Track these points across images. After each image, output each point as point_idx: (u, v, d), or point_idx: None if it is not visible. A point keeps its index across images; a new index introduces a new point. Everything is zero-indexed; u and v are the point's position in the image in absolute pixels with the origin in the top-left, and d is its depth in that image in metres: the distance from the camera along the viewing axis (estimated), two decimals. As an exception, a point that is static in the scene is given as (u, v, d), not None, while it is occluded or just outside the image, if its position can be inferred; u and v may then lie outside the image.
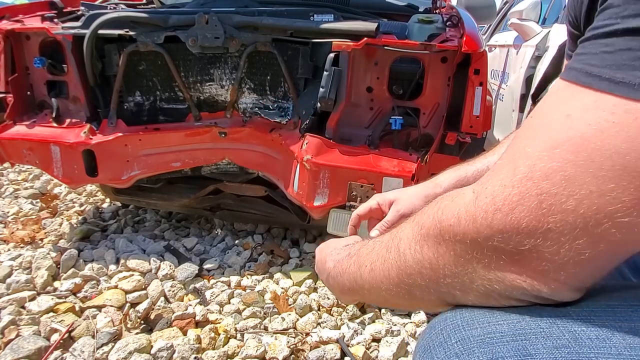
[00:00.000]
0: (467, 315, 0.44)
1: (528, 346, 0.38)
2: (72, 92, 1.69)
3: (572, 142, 0.34)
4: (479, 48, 1.35)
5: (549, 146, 0.35)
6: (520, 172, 0.36)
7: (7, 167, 2.73)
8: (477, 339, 0.41)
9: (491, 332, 0.41)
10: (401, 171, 1.35)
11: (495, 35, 4.39)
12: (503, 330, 0.40)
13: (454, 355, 0.41)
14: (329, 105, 1.44)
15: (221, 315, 1.50)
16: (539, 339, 0.38)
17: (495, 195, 0.37)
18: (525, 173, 0.36)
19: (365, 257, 0.52)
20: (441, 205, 0.43)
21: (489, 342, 0.40)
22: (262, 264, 1.82)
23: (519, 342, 0.39)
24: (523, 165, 0.36)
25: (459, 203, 0.41)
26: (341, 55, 1.42)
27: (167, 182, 1.96)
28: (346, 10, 1.76)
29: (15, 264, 1.69)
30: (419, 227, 0.45)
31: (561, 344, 0.37)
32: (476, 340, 0.41)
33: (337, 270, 0.58)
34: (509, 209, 0.36)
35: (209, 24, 1.49)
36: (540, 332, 0.39)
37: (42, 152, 1.62)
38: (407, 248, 0.45)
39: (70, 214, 2.22)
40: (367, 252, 0.52)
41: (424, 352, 0.45)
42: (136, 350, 1.29)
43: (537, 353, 0.38)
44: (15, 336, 1.33)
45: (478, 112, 1.40)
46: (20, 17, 1.78)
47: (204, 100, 1.72)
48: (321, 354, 1.32)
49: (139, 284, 1.61)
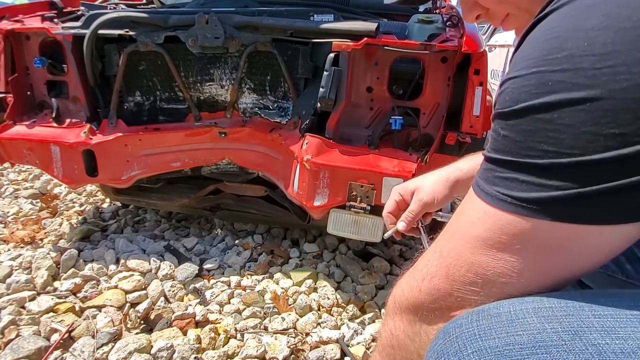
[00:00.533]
0: (484, 323, 0.42)
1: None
2: (72, 92, 1.68)
3: (459, 231, 0.48)
4: (479, 48, 1.35)
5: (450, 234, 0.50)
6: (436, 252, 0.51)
7: (7, 167, 2.73)
8: (495, 350, 0.39)
9: (510, 343, 0.39)
10: (401, 171, 1.35)
11: (495, 35, 4.40)
12: (522, 342, 0.38)
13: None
14: (329, 105, 1.44)
15: (221, 315, 1.50)
16: (560, 352, 0.36)
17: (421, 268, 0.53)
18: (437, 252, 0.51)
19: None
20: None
21: (508, 354, 0.38)
22: (262, 264, 1.82)
23: (540, 355, 0.37)
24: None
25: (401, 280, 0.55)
26: (341, 55, 1.42)
27: (167, 182, 1.96)
28: (346, 10, 1.76)
29: (15, 264, 1.69)
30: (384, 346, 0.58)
31: (584, 358, 0.36)
32: (494, 351, 0.39)
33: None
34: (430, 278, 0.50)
35: (209, 24, 1.49)
36: (562, 345, 0.37)
37: (42, 152, 1.62)
38: (381, 329, 0.58)
39: (70, 214, 2.22)
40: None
41: (437, 359, 0.43)
42: (136, 350, 1.29)
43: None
44: (15, 336, 1.33)
45: (478, 112, 1.40)
46: (20, 17, 1.77)
47: (204, 100, 1.72)
48: (321, 354, 1.32)
49: (139, 284, 1.61)
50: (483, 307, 0.43)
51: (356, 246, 1.96)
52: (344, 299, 1.60)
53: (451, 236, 0.49)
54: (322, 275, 1.73)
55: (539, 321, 0.39)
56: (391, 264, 1.86)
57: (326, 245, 1.99)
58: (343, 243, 1.98)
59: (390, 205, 0.84)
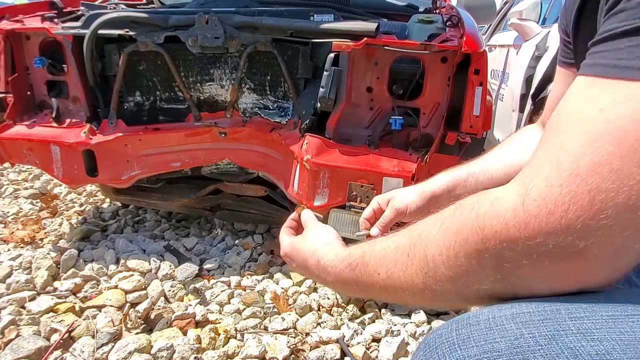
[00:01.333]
0: (463, 332, 0.43)
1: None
2: (72, 92, 1.69)
3: (612, 134, 0.34)
4: (479, 48, 1.35)
5: (589, 140, 0.35)
6: (565, 170, 0.36)
7: (7, 167, 2.73)
8: (473, 358, 0.40)
9: (488, 350, 0.40)
10: (401, 171, 1.35)
11: (495, 35, 4.39)
12: (500, 349, 0.39)
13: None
14: (329, 105, 1.44)
15: (221, 315, 1.50)
16: (537, 357, 0.37)
17: (544, 197, 0.36)
18: (570, 170, 0.35)
19: (378, 265, 0.50)
20: (479, 211, 0.41)
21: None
22: (262, 264, 1.82)
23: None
24: (566, 162, 0.36)
25: (503, 208, 0.39)
26: (341, 55, 1.42)
27: (167, 182, 1.96)
28: (346, 10, 1.76)
29: (15, 264, 1.69)
30: (452, 233, 0.42)
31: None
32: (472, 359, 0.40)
33: (340, 282, 0.56)
34: (562, 211, 0.35)
35: (209, 24, 1.49)
36: (538, 350, 0.38)
37: (42, 152, 1.62)
38: (437, 255, 0.43)
39: (70, 214, 2.22)
40: (379, 259, 0.50)
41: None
42: (136, 350, 1.29)
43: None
44: (15, 336, 1.33)
45: (478, 112, 1.40)
46: (20, 17, 1.78)
47: (204, 100, 1.72)
48: (321, 354, 1.32)
49: (139, 284, 1.61)
50: (462, 316, 0.44)
51: (356, 246, 1.96)
52: (344, 299, 1.60)
53: (590, 143, 0.35)
54: (322, 275, 1.73)
55: (517, 327, 0.40)
56: (391, 264, 1.85)
57: (326, 245, 1.99)
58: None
59: (367, 213, 0.85)
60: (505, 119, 3.09)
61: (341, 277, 0.55)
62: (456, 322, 0.44)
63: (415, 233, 0.47)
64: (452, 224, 0.43)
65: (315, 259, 0.60)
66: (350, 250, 0.56)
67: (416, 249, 0.46)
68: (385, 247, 0.50)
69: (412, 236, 0.48)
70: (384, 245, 0.50)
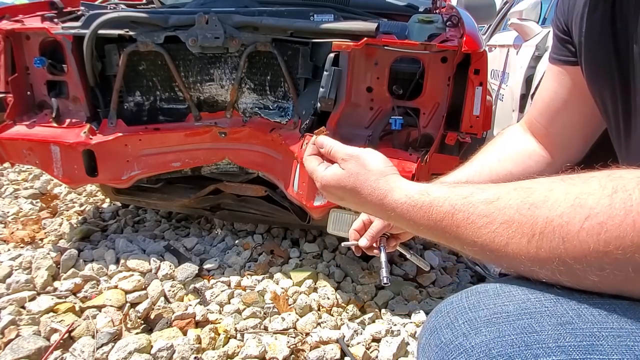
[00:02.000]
0: (473, 298, 0.45)
1: (533, 324, 0.40)
2: (72, 92, 1.68)
3: None
4: (479, 48, 1.35)
5: None
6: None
7: (7, 167, 2.73)
8: (484, 319, 0.42)
9: (498, 312, 0.42)
10: (401, 171, 1.34)
11: (495, 35, 4.39)
12: (509, 310, 0.42)
13: (462, 335, 0.42)
14: (329, 105, 1.44)
15: (221, 315, 1.50)
16: (543, 316, 0.40)
17: None
18: None
19: (476, 229, 0.45)
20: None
21: (496, 321, 0.41)
22: (262, 264, 1.82)
23: (525, 320, 0.40)
24: None
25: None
26: (341, 55, 1.42)
27: (167, 182, 1.96)
28: (346, 10, 1.76)
29: (15, 264, 1.69)
30: (624, 205, 0.36)
31: (565, 321, 0.39)
32: (483, 320, 0.42)
33: (410, 224, 0.51)
34: None
35: (209, 24, 1.49)
36: (545, 311, 0.40)
37: (42, 152, 1.62)
38: (577, 246, 0.38)
39: (70, 214, 2.22)
40: (477, 227, 0.44)
41: (430, 334, 0.45)
42: (136, 350, 1.29)
43: (542, 330, 0.39)
44: (15, 336, 1.33)
45: (478, 112, 1.40)
46: (20, 17, 1.78)
47: (204, 100, 1.72)
48: (321, 354, 1.32)
49: (139, 284, 1.61)
50: (471, 288, 0.47)
51: (356, 246, 1.96)
52: (344, 299, 1.60)
53: None
54: (322, 275, 1.73)
55: (523, 292, 0.43)
56: (391, 264, 1.86)
57: (326, 245, 1.99)
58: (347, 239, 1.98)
59: (357, 224, 0.85)
60: (505, 119, 3.09)
61: (415, 221, 0.51)
62: (465, 291, 0.46)
63: (534, 204, 0.42)
64: (619, 182, 0.38)
65: (377, 196, 0.54)
66: (431, 196, 0.50)
67: (537, 227, 0.41)
68: (486, 214, 0.44)
69: (524, 206, 0.42)
70: (483, 207, 0.45)
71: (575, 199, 0.39)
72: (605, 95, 0.63)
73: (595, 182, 0.39)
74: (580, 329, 0.38)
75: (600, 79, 0.62)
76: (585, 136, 0.77)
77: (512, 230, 0.42)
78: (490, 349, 0.39)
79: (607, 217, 0.37)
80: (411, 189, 0.52)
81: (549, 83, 0.79)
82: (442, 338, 0.43)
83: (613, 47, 0.57)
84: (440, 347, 0.43)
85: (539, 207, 0.41)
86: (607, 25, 0.58)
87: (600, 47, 0.60)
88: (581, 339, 0.38)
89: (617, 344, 0.37)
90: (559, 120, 0.77)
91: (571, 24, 0.69)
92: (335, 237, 1.93)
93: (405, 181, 0.55)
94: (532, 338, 0.39)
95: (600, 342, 0.37)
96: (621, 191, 0.37)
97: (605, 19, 0.58)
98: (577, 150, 0.79)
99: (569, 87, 0.74)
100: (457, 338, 0.42)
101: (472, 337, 0.41)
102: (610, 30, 0.58)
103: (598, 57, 0.62)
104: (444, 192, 0.49)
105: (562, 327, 0.39)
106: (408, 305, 1.61)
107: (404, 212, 0.52)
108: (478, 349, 0.40)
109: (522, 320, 0.40)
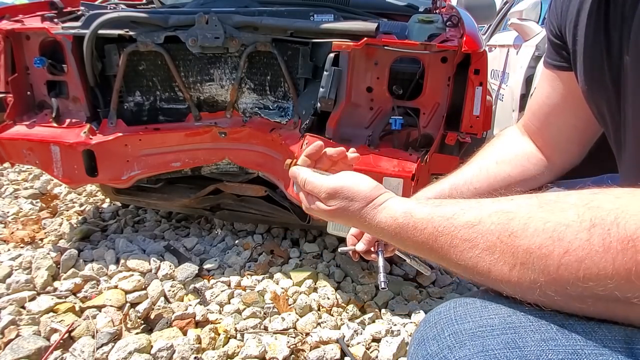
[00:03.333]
0: (460, 309, 0.46)
1: (517, 339, 0.40)
2: (72, 92, 1.68)
3: None
4: (479, 48, 1.35)
5: None
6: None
7: (7, 167, 2.73)
8: (469, 332, 0.43)
9: (482, 325, 0.43)
10: (401, 171, 1.35)
11: (495, 35, 4.40)
12: (494, 324, 0.42)
13: (446, 347, 0.43)
14: (329, 105, 1.44)
15: (221, 315, 1.50)
16: (527, 332, 0.41)
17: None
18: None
19: (459, 249, 0.45)
20: (632, 219, 0.36)
21: (480, 335, 0.42)
22: (262, 264, 1.82)
23: (509, 335, 0.41)
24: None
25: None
26: (341, 55, 1.42)
27: (167, 182, 1.96)
28: (346, 10, 1.76)
29: (15, 264, 1.69)
30: (603, 242, 0.36)
31: (548, 337, 0.40)
32: (468, 333, 0.43)
33: (396, 240, 0.51)
34: None
35: (209, 24, 1.49)
36: (529, 326, 0.41)
37: (42, 152, 1.62)
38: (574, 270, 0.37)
39: (70, 214, 2.22)
40: (462, 247, 0.44)
41: (418, 345, 0.47)
42: (136, 350, 1.29)
43: (525, 345, 0.40)
44: (15, 336, 1.33)
45: (478, 112, 1.40)
46: (20, 17, 1.78)
47: (204, 100, 1.72)
48: (321, 354, 1.32)
49: (139, 284, 1.61)
50: (459, 298, 0.48)
51: (356, 246, 1.96)
52: (344, 299, 1.60)
53: None
54: (322, 275, 1.73)
55: (510, 306, 0.44)
56: (391, 264, 1.86)
57: (326, 245, 1.99)
58: (343, 243, 1.97)
59: (355, 229, 0.83)
60: (505, 119, 3.10)
61: (403, 241, 0.52)
62: (454, 301, 0.48)
63: (507, 219, 0.42)
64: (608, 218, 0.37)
65: (367, 221, 0.55)
66: (415, 218, 0.50)
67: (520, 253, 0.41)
68: (469, 238, 0.44)
69: (502, 222, 0.43)
70: (465, 231, 0.45)
71: (553, 231, 0.39)
72: (601, 104, 0.61)
73: (573, 212, 0.39)
74: (562, 346, 0.39)
75: (595, 89, 0.61)
76: (581, 140, 0.76)
77: (494, 257, 0.42)
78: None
79: (585, 253, 0.36)
80: (396, 211, 0.52)
81: (544, 88, 0.77)
82: (428, 349, 0.44)
83: (606, 56, 0.56)
84: (426, 358, 0.44)
85: (518, 237, 0.41)
86: (600, 34, 0.57)
87: (594, 57, 0.59)
88: (563, 356, 0.38)
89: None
90: (554, 125, 0.76)
91: (564, 30, 0.68)
92: (335, 237, 1.93)
93: (391, 202, 0.54)
94: (515, 354, 0.39)
95: (582, 359, 0.38)
96: (599, 226, 0.37)
97: (598, 28, 0.57)
98: (574, 154, 0.78)
99: (562, 92, 0.73)
100: (442, 351, 0.43)
101: (457, 350, 0.42)
102: (604, 39, 0.57)
103: (592, 66, 0.60)
104: (428, 212, 0.49)
105: (545, 343, 0.39)
106: (408, 305, 1.61)
107: (391, 233, 0.52)
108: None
109: (506, 335, 0.41)
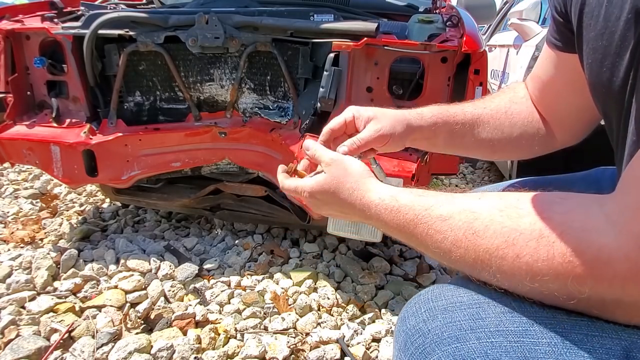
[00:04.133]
0: (437, 291, 0.54)
1: (480, 312, 0.48)
2: (72, 92, 1.68)
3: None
4: (479, 48, 1.35)
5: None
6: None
7: (7, 167, 2.73)
8: (441, 307, 0.51)
9: (453, 302, 0.51)
10: (401, 171, 1.35)
11: (495, 35, 4.39)
12: (463, 301, 0.50)
13: (422, 321, 0.51)
14: (329, 105, 1.44)
15: (221, 315, 1.50)
16: (490, 306, 0.48)
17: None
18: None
19: (451, 246, 0.50)
20: (572, 236, 0.42)
21: (451, 309, 0.50)
22: (262, 264, 1.82)
23: (474, 309, 0.48)
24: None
25: (598, 239, 0.40)
26: (341, 55, 1.42)
27: (167, 182, 1.96)
28: (346, 10, 1.76)
29: (15, 264, 1.69)
30: (547, 253, 0.42)
31: (507, 310, 0.47)
32: (440, 309, 0.50)
33: (393, 226, 0.55)
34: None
35: (209, 24, 1.49)
36: (492, 301, 0.48)
37: (42, 152, 1.62)
38: (522, 281, 0.45)
39: (70, 214, 2.22)
40: (452, 241, 0.49)
41: (401, 322, 0.54)
42: (136, 350, 1.29)
43: (486, 317, 0.47)
44: (15, 336, 1.33)
45: (478, 112, 1.40)
46: (20, 17, 1.78)
47: (204, 100, 1.72)
48: (321, 354, 1.32)
49: (139, 284, 1.61)
50: (439, 284, 0.56)
51: (356, 246, 1.96)
52: (344, 299, 1.60)
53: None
54: (322, 275, 1.73)
55: (479, 286, 0.51)
56: (391, 264, 1.86)
57: (326, 245, 1.99)
58: (343, 243, 1.98)
59: (338, 123, 0.73)
60: (505, 119, 3.08)
61: (387, 222, 0.56)
62: (434, 286, 0.56)
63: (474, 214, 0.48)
64: (547, 240, 0.43)
65: (356, 196, 0.60)
66: (399, 203, 0.55)
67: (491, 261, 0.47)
68: (441, 230, 0.51)
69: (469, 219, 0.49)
70: (439, 224, 0.51)
71: (508, 236, 0.45)
72: (605, 102, 0.60)
73: (527, 220, 0.45)
74: (518, 317, 0.46)
75: (598, 84, 0.59)
76: (583, 120, 0.73)
77: (460, 251, 0.48)
78: (443, 332, 0.47)
79: (533, 260, 0.43)
80: (384, 192, 0.57)
81: (546, 65, 0.74)
82: (407, 324, 0.52)
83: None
84: (405, 332, 0.52)
85: (480, 237, 0.47)
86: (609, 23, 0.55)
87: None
88: (518, 325, 0.45)
89: (548, 329, 0.43)
90: (555, 103, 0.74)
91: (570, 8, 0.62)
92: (335, 237, 1.93)
93: (380, 184, 0.60)
94: (477, 323, 0.47)
95: (534, 327, 0.44)
96: (546, 238, 0.43)
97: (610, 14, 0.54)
98: (576, 133, 0.76)
99: (565, 73, 0.69)
100: (418, 324, 0.50)
101: (430, 322, 0.49)
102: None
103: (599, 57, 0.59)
104: (410, 200, 0.54)
105: (504, 315, 0.46)
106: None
107: (378, 212, 0.57)
108: (433, 332, 0.48)
109: (472, 309, 0.48)
